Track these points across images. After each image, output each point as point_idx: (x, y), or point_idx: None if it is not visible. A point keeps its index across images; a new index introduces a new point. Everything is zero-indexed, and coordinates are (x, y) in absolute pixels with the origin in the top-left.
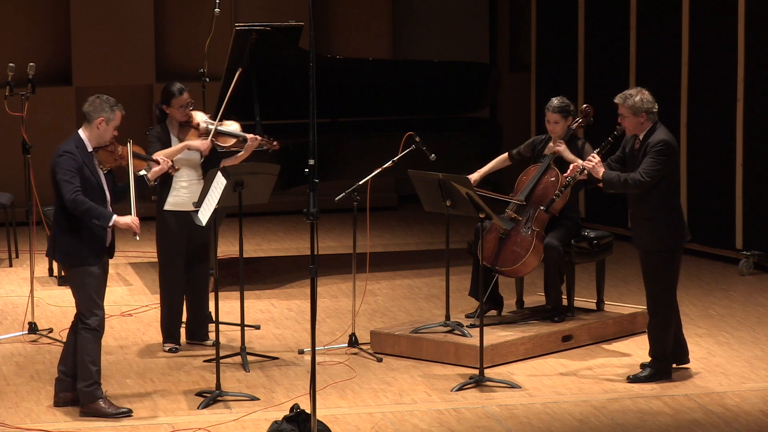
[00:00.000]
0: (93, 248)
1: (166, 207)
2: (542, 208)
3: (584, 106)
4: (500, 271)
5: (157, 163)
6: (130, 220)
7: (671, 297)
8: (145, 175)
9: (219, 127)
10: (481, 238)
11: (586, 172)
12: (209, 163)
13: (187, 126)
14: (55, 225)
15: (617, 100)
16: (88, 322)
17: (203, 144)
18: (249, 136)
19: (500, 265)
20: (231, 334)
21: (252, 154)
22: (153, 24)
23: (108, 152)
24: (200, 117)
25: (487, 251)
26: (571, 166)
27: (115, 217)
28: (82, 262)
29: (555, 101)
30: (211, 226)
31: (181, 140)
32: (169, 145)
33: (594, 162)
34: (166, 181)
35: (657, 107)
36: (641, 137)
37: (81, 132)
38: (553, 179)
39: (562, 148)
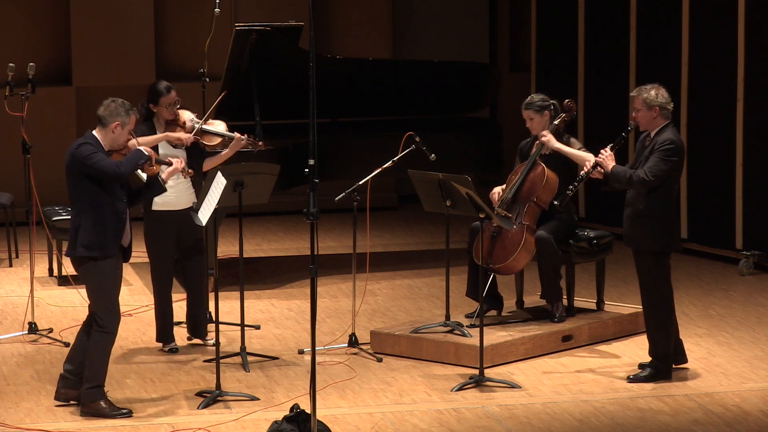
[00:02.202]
0: (113, 238)
1: (153, 207)
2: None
3: (566, 101)
4: (494, 268)
5: (169, 164)
6: (150, 148)
7: (668, 296)
8: (159, 176)
9: (204, 126)
10: (481, 238)
11: (599, 168)
12: (193, 162)
13: (173, 124)
14: (78, 219)
15: (633, 93)
16: (105, 325)
17: (184, 135)
18: (235, 135)
19: (494, 263)
20: (231, 334)
21: (245, 153)
22: (153, 24)
23: (122, 156)
24: (187, 116)
25: (482, 250)
26: (587, 163)
27: (140, 147)
28: (102, 254)
29: (528, 98)
30: (199, 223)
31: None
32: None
33: (605, 155)
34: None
35: (672, 106)
36: (652, 135)
37: (95, 133)
38: (539, 174)
39: (548, 138)
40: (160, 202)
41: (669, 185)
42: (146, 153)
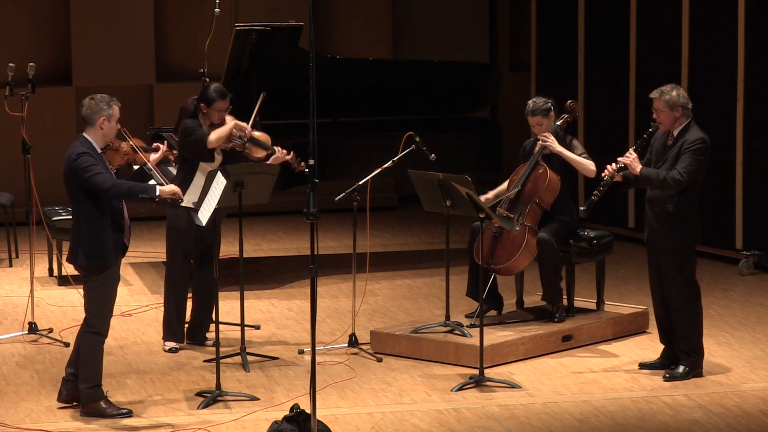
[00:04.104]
0: (115, 246)
1: (184, 203)
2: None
3: (569, 102)
4: (495, 269)
5: (156, 150)
6: (173, 187)
7: (697, 290)
8: (146, 166)
9: (253, 138)
10: (480, 239)
11: (620, 174)
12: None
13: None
14: (79, 229)
15: (653, 95)
16: (95, 325)
17: (247, 127)
18: (278, 149)
19: (495, 263)
20: (231, 334)
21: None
22: (153, 24)
23: (113, 150)
24: (234, 122)
25: (482, 251)
26: (608, 167)
27: (158, 187)
28: (107, 264)
29: (530, 104)
30: (219, 227)
31: None
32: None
33: (632, 158)
34: (186, 178)
35: (691, 104)
36: (675, 134)
37: (86, 135)
38: (542, 175)
39: (550, 141)
40: (189, 200)
41: (696, 182)
42: (158, 192)
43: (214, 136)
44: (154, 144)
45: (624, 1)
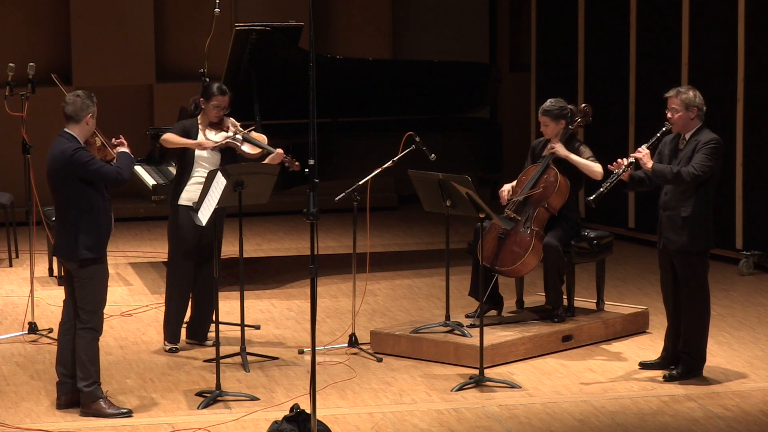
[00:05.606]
0: (106, 237)
1: (180, 202)
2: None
3: (583, 105)
4: (500, 270)
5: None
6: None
7: (708, 294)
8: (113, 162)
9: (247, 136)
10: (481, 239)
11: (628, 170)
12: (225, 165)
13: (217, 127)
14: (77, 222)
15: (669, 93)
16: (91, 323)
17: (207, 143)
18: (277, 150)
19: (499, 265)
20: (231, 334)
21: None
22: (153, 24)
23: (90, 146)
24: (231, 122)
25: (486, 251)
26: (619, 160)
27: (125, 149)
28: (101, 255)
29: (546, 103)
30: (222, 227)
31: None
32: (195, 138)
33: (644, 153)
34: (182, 176)
35: (705, 108)
36: (687, 137)
37: (69, 131)
38: (552, 179)
39: (556, 148)
40: (186, 198)
41: (710, 185)
42: (130, 153)
43: (170, 137)
44: (113, 139)
45: (624, 1)
